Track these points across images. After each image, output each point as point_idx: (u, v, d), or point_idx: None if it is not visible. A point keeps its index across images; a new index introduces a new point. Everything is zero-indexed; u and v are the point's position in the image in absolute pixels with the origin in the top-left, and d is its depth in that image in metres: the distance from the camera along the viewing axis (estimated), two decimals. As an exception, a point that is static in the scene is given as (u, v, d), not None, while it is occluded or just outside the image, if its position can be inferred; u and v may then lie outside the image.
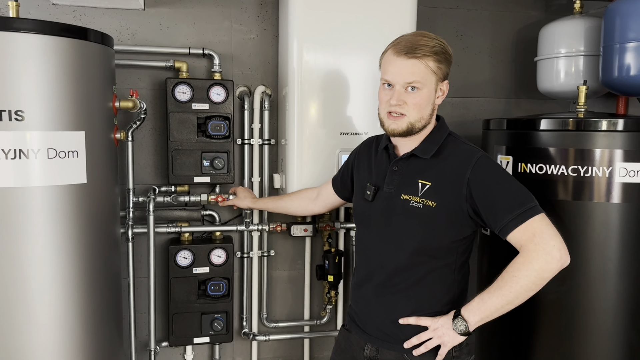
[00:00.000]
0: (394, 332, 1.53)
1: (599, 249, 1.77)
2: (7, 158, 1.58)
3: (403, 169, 1.52)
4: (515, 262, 1.39)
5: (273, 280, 2.59)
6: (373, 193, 1.56)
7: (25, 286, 1.67)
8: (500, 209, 1.39)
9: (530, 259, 1.37)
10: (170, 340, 2.35)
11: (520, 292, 1.38)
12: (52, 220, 1.68)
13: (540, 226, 1.38)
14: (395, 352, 1.53)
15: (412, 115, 1.45)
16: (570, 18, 2.29)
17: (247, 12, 2.41)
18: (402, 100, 1.44)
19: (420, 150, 1.50)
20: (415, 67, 1.42)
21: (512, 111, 2.73)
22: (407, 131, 1.47)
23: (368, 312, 1.60)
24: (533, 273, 1.37)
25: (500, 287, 1.39)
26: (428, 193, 1.46)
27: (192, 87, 2.24)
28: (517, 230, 1.38)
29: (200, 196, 2.33)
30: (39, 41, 1.61)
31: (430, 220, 1.45)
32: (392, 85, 1.46)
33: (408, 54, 1.42)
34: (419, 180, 1.48)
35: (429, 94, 1.46)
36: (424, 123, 1.48)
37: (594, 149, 1.74)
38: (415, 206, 1.46)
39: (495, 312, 1.40)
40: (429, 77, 1.44)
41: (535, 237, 1.37)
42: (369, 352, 1.58)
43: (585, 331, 1.80)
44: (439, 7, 2.60)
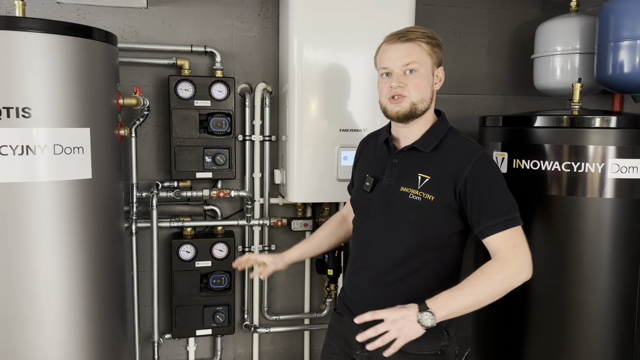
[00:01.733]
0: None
1: (592, 243, 1.80)
2: (15, 154, 1.63)
3: (403, 161, 1.54)
4: (493, 266, 1.42)
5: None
6: (372, 184, 1.57)
7: (32, 279, 1.72)
8: (487, 212, 1.43)
9: (509, 266, 1.41)
10: (173, 332, 2.40)
11: (491, 295, 1.40)
12: (58, 214, 1.73)
13: (520, 238, 1.44)
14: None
15: (413, 96, 1.47)
16: (566, 16, 2.33)
17: (248, 10, 2.45)
18: (402, 82, 1.47)
19: (420, 144, 1.52)
20: (411, 49, 1.47)
21: (509, 108, 2.77)
22: (410, 112, 1.48)
23: (362, 300, 1.61)
24: (507, 279, 1.40)
25: (473, 287, 1.39)
26: (427, 186, 1.48)
27: (194, 84, 2.28)
28: (497, 235, 1.43)
29: (202, 191, 2.38)
30: (45, 40, 1.66)
31: (429, 213, 1.47)
32: (390, 72, 1.49)
33: (401, 38, 1.48)
34: (419, 174, 1.50)
35: (427, 75, 1.49)
36: (426, 106, 1.50)
37: (588, 145, 1.78)
38: (414, 199, 1.48)
39: (462, 310, 1.39)
40: (425, 58, 1.48)
41: (515, 248, 1.42)
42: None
43: (578, 324, 1.84)
44: (437, 5, 2.63)
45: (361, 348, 1.58)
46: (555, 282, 1.85)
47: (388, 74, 1.50)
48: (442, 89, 2.61)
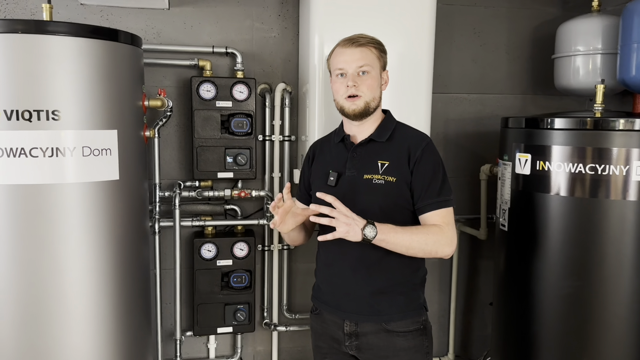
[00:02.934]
0: (371, 303, 1.65)
1: (615, 245, 1.81)
2: (45, 156, 1.66)
3: (362, 153, 1.67)
4: (433, 227, 1.59)
5: (293, 272, 2.66)
6: (336, 178, 1.69)
7: (60, 279, 1.75)
8: (429, 191, 1.61)
9: (442, 235, 1.58)
10: (195, 330, 2.44)
11: (420, 247, 1.56)
12: (85, 215, 1.76)
13: (452, 218, 1.63)
14: (374, 324, 1.65)
15: (366, 95, 1.62)
16: (588, 16, 2.32)
17: (268, 10, 2.46)
18: (357, 82, 1.62)
19: (376, 135, 1.67)
20: (363, 53, 1.63)
21: (528, 107, 2.77)
22: (364, 109, 1.64)
23: (344, 289, 1.69)
24: (437, 244, 1.57)
25: (413, 233, 1.55)
26: (388, 170, 1.63)
27: (216, 85, 2.30)
28: (435, 212, 1.60)
29: (223, 191, 2.40)
30: (73, 43, 1.68)
31: (392, 193, 1.62)
32: (345, 73, 1.64)
33: (355, 43, 1.64)
34: (378, 161, 1.64)
35: (377, 77, 1.65)
36: (377, 104, 1.67)
37: (611, 147, 1.78)
38: (377, 183, 1.62)
39: (395, 244, 1.54)
40: (375, 61, 1.65)
41: (448, 225, 1.61)
42: (349, 328, 1.68)
43: (600, 326, 1.85)
44: (457, 5, 2.63)
45: (349, 339, 1.69)
46: (578, 283, 1.86)
47: (343, 74, 1.64)
48: (461, 89, 2.68)
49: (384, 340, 1.65)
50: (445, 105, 2.69)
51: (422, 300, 1.73)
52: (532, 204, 1.97)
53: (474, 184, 2.66)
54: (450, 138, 2.71)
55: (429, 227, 1.60)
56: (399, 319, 1.65)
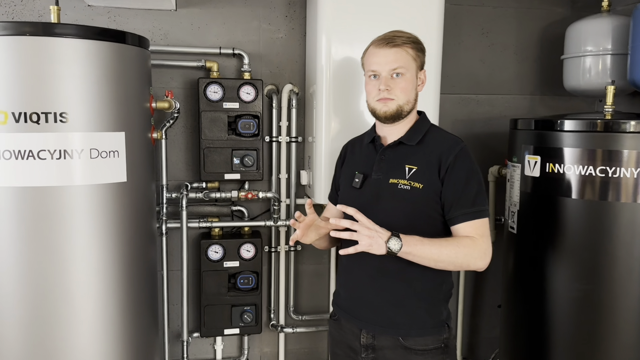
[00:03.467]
0: (389, 315, 1.58)
1: (625, 248, 1.79)
2: (53, 158, 1.66)
3: (390, 156, 1.61)
4: (465, 239, 1.50)
5: (300, 274, 2.66)
6: (362, 180, 1.63)
7: (68, 280, 1.75)
8: (461, 201, 1.52)
9: (475, 247, 1.49)
10: (202, 331, 2.43)
11: (450, 261, 1.48)
12: (93, 217, 1.76)
13: (486, 230, 1.53)
14: (391, 337, 1.58)
15: (400, 99, 1.55)
16: (597, 16, 2.30)
17: (275, 11, 2.46)
18: (390, 85, 1.55)
19: (406, 138, 1.60)
20: (398, 54, 1.55)
21: (537, 108, 2.75)
22: (396, 113, 1.56)
23: (362, 297, 1.63)
24: (469, 257, 1.49)
25: (442, 246, 1.47)
26: (415, 176, 1.55)
27: (223, 86, 2.29)
28: (468, 223, 1.51)
29: (230, 192, 2.40)
30: (80, 45, 1.68)
31: (418, 201, 1.54)
32: (378, 75, 1.57)
33: (389, 43, 1.55)
34: (406, 165, 1.57)
35: (412, 79, 1.57)
36: (411, 107, 1.59)
37: (622, 150, 1.76)
38: (403, 188, 1.55)
39: (422, 257, 1.47)
40: (410, 63, 1.57)
41: (483, 237, 1.51)
42: (365, 339, 1.61)
43: (610, 329, 1.83)
44: (465, 5, 2.61)
45: (365, 352, 1.63)
46: (588, 287, 1.84)
47: (376, 76, 1.58)
48: (469, 89, 2.66)
49: (400, 357, 1.57)
50: (453, 106, 2.67)
51: (445, 316, 1.62)
52: (541, 207, 1.96)
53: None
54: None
55: (460, 239, 1.50)
56: (418, 335, 1.57)
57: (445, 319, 1.62)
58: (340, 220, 1.45)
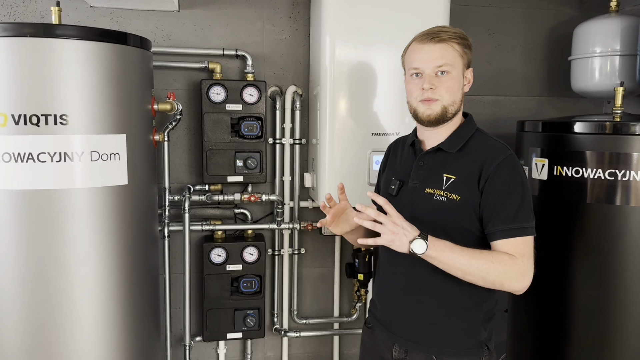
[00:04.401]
0: (422, 332, 1.49)
1: (635, 252, 1.75)
2: (52, 161, 1.64)
3: (429, 163, 1.50)
4: (503, 256, 1.36)
5: (303, 277, 2.63)
6: (398, 187, 1.53)
7: (69, 284, 1.73)
8: (500, 215, 1.38)
9: (513, 266, 1.35)
10: (205, 335, 2.41)
11: (481, 275, 1.34)
12: (94, 220, 1.74)
13: (528, 250, 1.38)
14: (424, 354, 1.48)
15: (445, 99, 1.43)
16: (606, 17, 2.26)
17: (279, 12, 2.43)
18: (434, 84, 1.42)
19: (446, 145, 1.48)
20: (443, 50, 1.42)
21: (544, 110, 2.71)
22: (441, 115, 1.44)
23: (395, 310, 1.55)
24: (504, 275, 1.35)
25: (474, 257, 1.34)
26: (452, 186, 1.43)
27: (226, 88, 2.27)
28: (507, 241, 1.38)
29: (233, 195, 2.37)
30: (81, 47, 1.66)
31: (454, 213, 1.42)
32: (421, 73, 1.44)
33: (434, 39, 1.42)
34: (444, 174, 1.45)
35: (458, 77, 1.44)
36: (457, 108, 1.46)
37: (632, 152, 1.72)
38: (438, 200, 1.43)
39: (449, 265, 1.35)
40: (457, 59, 1.44)
41: (523, 257, 1.37)
42: (397, 354, 1.53)
43: (621, 335, 1.79)
44: (471, 5, 2.58)
45: None
46: (597, 292, 1.81)
47: (418, 74, 1.45)
48: (475, 91, 2.63)
49: None
50: (459, 108, 2.63)
51: (485, 338, 1.49)
52: (549, 210, 1.92)
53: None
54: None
55: (498, 254, 1.36)
56: (452, 355, 1.46)
57: (485, 340, 1.49)
58: (367, 208, 1.33)
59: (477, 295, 1.46)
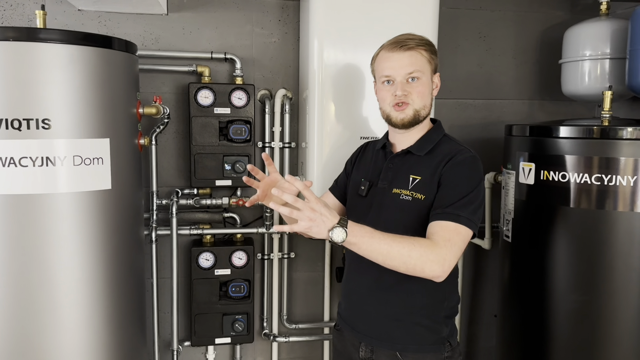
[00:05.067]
0: (386, 329, 1.53)
1: (622, 258, 1.74)
2: (35, 165, 1.62)
3: (397, 165, 1.55)
4: (423, 241, 1.36)
5: (293, 281, 2.62)
6: (367, 188, 1.58)
7: (52, 289, 1.71)
8: (441, 200, 1.41)
9: (433, 250, 1.34)
10: (193, 340, 2.40)
11: (401, 260, 1.32)
12: (78, 225, 1.72)
13: (458, 239, 1.37)
14: (389, 351, 1.52)
15: (416, 103, 1.49)
16: (596, 20, 2.25)
17: (268, 15, 2.42)
18: (407, 90, 1.48)
19: (416, 148, 1.54)
20: (413, 57, 1.49)
21: (535, 113, 2.69)
22: (413, 118, 1.50)
23: (360, 308, 1.59)
24: (422, 260, 1.32)
25: (395, 240, 1.33)
26: (417, 186, 1.48)
27: (214, 91, 2.26)
28: (437, 223, 1.38)
29: (221, 199, 2.36)
30: (64, 51, 1.65)
31: (419, 213, 1.46)
32: (393, 80, 1.50)
33: (403, 47, 1.49)
34: (411, 175, 1.51)
35: (428, 82, 1.51)
36: (427, 112, 1.53)
37: (619, 157, 1.71)
38: (404, 199, 1.48)
39: (369, 251, 1.33)
40: (425, 66, 1.50)
41: (447, 242, 1.35)
42: (364, 353, 1.57)
43: (608, 342, 1.78)
44: (462, 8, 2.57)
45: None
46: (584, 298, 1.79)
47: (390, 81, 1.51)
48: (466, 94, 2.61)
49: None
50: (450, 111, 2.62)
51: (447, 334, 1.54)
52: (536, 215, 1.91)
53: (479, 192, 2.59)
54: (455, 145, 2.65)
55: (420, 238, 1.36)
56: (415, 351, 1.50)
57: (446, 336, 1.54)
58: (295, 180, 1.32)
59: (439, 293, 1.51)
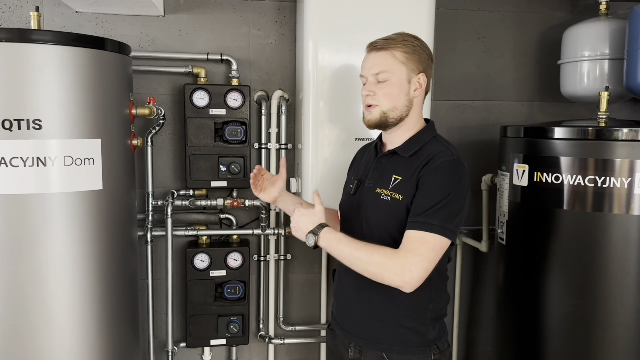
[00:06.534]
0: (371, 329, 1.53)
1: (617, 261, 1.71)
2: (25, 165, 1.63)
3: (384, 165, 1.56)
4: (386, 249, 1.38)
5: (290, 283, 2.61)
6: (355, 187, 1.60)
7: (43, 289, 1.72)
8: (416, 208, 1.40)
9: (392, 258, 1.36)
10: (188, 341, 2.39)
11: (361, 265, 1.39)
12: (69, 225, 1.73)
13: (422, 248, 1.36)
14: (376, 353, 1.52)
15: (383, 105, 1.48)
16: (595, 20, 2.22)
17: (265, 17, 2.42)
18: (373, 90, 1.49)
19: (401, 149, 1.53)
20: (381, 58, 1.48)
21: (535, 115, 2.67)
22: (380, 120, 1.50)
23: (347, 308, 1.60)
24: (381, 269, 1.36)
25: (357, 248, 1.39)
26: (397, 186, 1.48)
27: (209, 92, 2.26)
28: (408, 232, 1.39)
29: (217, 200, 2.36)
30: (55, 52, 1.66)
31: (397, 213, 1.45)
32: (366, 80, 1.53)
33: (376, 47, 1.49)
34: (393, 175, 1.51)
35: (399, 83, 1.48)
36: (399, 113, 1.49)
37: (614, 158, 1.68)
38: (384, 199, 1.49)
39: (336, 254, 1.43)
40: (397, 66, 1.47)
41: (409, 253, 1.36)
42: (353, 353, 1.57)
43: (603, 346, 1.75)
44: (460, 9, 2.55)
45: None
46: (578, 302, 1.76)
47: (364, 82, 1.54)
48: (465, 96, 2.59)
49: None
50: (448, 113, 2.60)
51: (434, 336, 1.52)
52: (530, 218, 1.88)
53: (477, 194, 2.57)
54: (453, 146, 2.63)
55: (381, 247, 1.38)
56: (400, 352, 1.49)
57: (433, 339, 1.52)
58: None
59: (424, 295, 1.48)
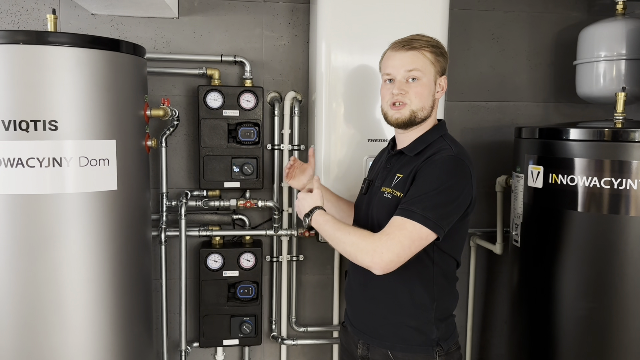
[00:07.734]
0: (376, 327, 1.55)
1: (634, 264, 1.68)
2: (42, 166, 1.66)
3: (392, 164, 1.58)
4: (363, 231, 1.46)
5: (302, 284, 2.61)
6: (366, 186, 1.63)
7: (58, 289, 1.74)
8: (407, 196, 1.43)
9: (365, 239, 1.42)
10: (201, 341, 2.41)
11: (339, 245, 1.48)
12: (84, 225, 1.75)
13: (398, 233, 1.38)
14: (382, 349, 1.54)
15: (414, 104, 1.50)
16: (611, 20, 2.19)
17: (278, 18, 2.43)
18: (404, 89, 1.50)
19: (408, 149, 1.55)
20: (414, 57, 1.50)
21: (550, 116, 2.64)
22: (409, 119, 1.51)
23: (355, 304, 1.63)
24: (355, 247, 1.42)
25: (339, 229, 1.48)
26: (398, 184, 1.50)
27: (223, 94, 2.27)
28: (393, 218, 1.42)
29: (230, 201, 2.37)
30: (72, 54, 1.68)
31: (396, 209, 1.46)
32: (393, 79, 1.53)
33: (406, 46, 1.51)
34: (397, 174, 1.53)
35: (429, 84, 1.51)
36: (426, 114, 1.52)
37: (630, 160, 1.66)
38: (386, 197, 1.51)
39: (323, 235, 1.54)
40: (428, 67, 1.51)
41: (384, 236, 1.39)
42: (361, 350, 1.59)
43: (618, 350, 1.72)
44: (474, 10, 2.53)
45: None
46: (594, 305, 1.74)
47: (391, 80, 1.54)
48: (479, 96, 2.58)
49: None
50: (462, 114, 2.59)
51: (437, 336, 1.52)
52: (544, 219, 1.86)
53: (491, 196, 2.55)
54: (466, 147, 2.58)
55: (360, 229, 1.47)
56: (403, 350, 1.50)
57: (437, 339, 1.52)
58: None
59: (428, 294, 1.50)
